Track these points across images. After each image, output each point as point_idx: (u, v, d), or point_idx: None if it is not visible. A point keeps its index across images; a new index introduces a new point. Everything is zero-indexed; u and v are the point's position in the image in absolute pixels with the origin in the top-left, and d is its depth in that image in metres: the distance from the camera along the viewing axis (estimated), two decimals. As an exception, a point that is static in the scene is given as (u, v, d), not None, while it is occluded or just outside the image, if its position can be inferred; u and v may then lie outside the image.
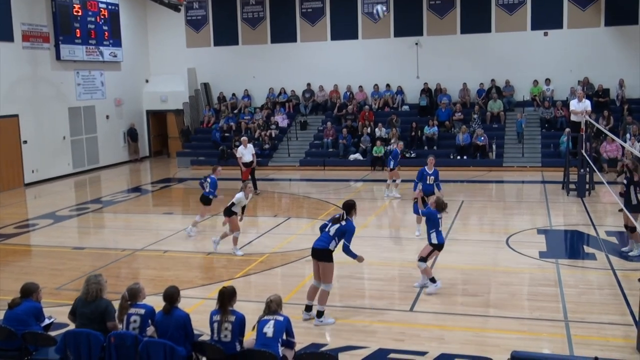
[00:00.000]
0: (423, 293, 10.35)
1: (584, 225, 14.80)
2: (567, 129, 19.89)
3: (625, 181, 12.10)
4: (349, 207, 9.24)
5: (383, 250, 13.18)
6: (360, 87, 27.81)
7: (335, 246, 9.14)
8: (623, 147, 20.69)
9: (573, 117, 18.78)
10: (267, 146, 26.12)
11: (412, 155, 24.26)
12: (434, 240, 10.34)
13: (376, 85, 27.66)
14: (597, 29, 25.34)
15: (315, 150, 26.08)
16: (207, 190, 14.72)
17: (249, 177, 19.33)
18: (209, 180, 14.70)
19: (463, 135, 23.97)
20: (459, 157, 23.81)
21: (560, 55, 25.42)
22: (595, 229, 14.31)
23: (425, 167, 14.25)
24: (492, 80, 26.26)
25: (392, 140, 23.36)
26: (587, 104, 18.60)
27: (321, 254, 9.11)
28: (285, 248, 13.39)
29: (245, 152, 19.43)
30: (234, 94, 29.48)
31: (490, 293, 10.46)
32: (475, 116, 25.00)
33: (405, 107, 27.23)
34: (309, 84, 28.47)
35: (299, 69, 28.36)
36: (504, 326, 9.03)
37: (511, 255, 12.42)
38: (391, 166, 18.32)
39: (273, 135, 26.79)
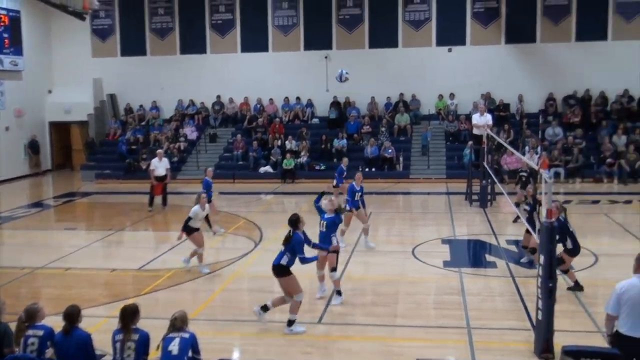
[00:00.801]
0: (331, 305, 10.43)
1: (486, 234, 15.35)
2: (470, 142, 20.65)
3: (528, 207, 12.54)
4: (293, 222, 9.43)
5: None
6: (271, 99, 27.87)
7: (288, 260, 9.21)
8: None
9: (475, 131, 19.50)
10: (175, 159, 25.70)
11: (322, 167, 24.48)
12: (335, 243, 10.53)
13: (286, 97, 27.80)
14: (498, 46, 26.46)
15: (225, 162, 25.89)
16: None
17: (162, 191, 18.97)
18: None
19: (371, 148, 24.41)
20: (367, 169, 24.18)
21: (463, 70, 26.35)
22: (496, 238, 14.87)
23: (354, 183, 13.95)
24: (400, 94, 26.91)
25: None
26: (488, 118, 19.34)
27: (277, 270, 9.25)
28: (193, 263, 13.18)
29: (159, 165, 19.04)
30: (141, 106, 28.89)
31: (398, 303, 10.67)
32: (383, 129, 25.55)
33: (315, 120, 27.49)
34: (218, 96, 28.26)
35: (209, 80, 28.11)
36: (410, 335, 9.22)
37: (417, 266, 12.72)
38: (335, 183, 17.65)
39: (182, 147, 26.42)
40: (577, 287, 10.75)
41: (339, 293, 10.45)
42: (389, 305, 10.51)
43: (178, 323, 6.78)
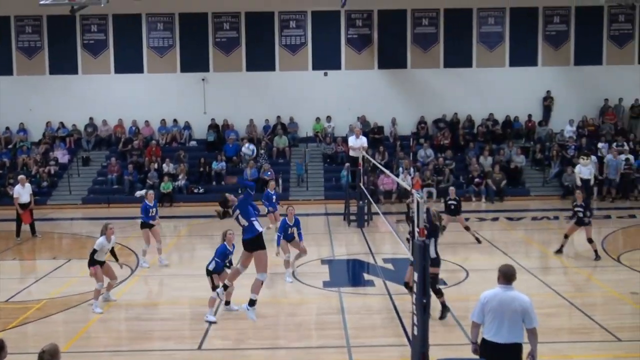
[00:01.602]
0: (212, 329, 10.29)
1: (364, 254, 15.72)
2: (347, 164, 21.15)
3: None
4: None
5: (173, 289, 12.92)
6: (147, 121, 27.24)
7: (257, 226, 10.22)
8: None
9: (351, 153, 20.01)
10: (45, 183, 24.50)
11: (201, 190, 24.20)
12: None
13: (163, 120, 27.29)
14: (371, 71, 27.38)
15: (99, 187, 24.99)
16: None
17: (30, 218, 17.95)
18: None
19: (251, 170, 24.40)
20: (247, 192, 24.14)
21: (339, 94, 27.01)
22: (373, 256, 15.27)
23: (286, 218, 13.62)
24: (278, 117, 27.15)
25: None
26: (363, 140, 19.91)
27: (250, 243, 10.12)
28: (65, 292, 12.57)
29: (23, 192, 18.00)
30: (7, 128, 27.32)
31: (278, 325, 10.69)
32: (262, 151, 25.63)
33: (193, 143, 27.15)
34: (91, 118, 27.28)
35: (81, 102, 27.08)
36: (292, 357, 9.25)
37: (297, 287, 12.80)
38: (271, 209, 17.39)
39: (52, 171, 25.23)
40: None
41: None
42: (270, 327, 10.50)
43: (46, 357, 6.40)
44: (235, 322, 10.58)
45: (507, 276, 6.84)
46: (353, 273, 14.67)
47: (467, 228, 16.77)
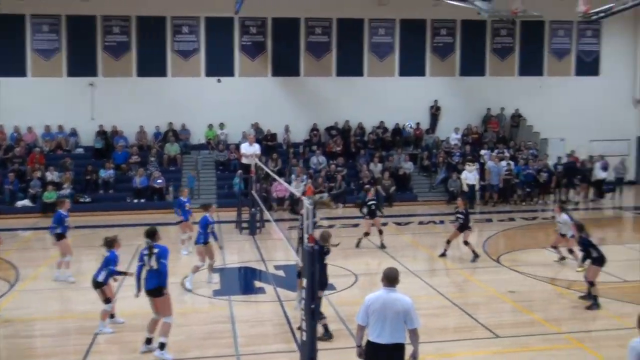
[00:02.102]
0: (95, 344, 9.94)
1: (255, 261, 15.69)
2: (239, 171, 21.06)
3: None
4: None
5: (55, 303, 12.39)
6: (30, 128, 25.99)
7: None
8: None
9: (244, 160, 19.94)
10: None
11: (87, 200, 23.38)
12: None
13: (47, 126, 26.13)
14: (265, 78, 27.43)
15: (-23, 196, 23.59)
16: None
17: None
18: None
19: (140, 178, 23.81)
20: (136, 201, 23.57)
21: (232, 101, 26.84)
22: (265, 264, 15.27)
23: (207, 215, 13.29)
24: (169, 124, 26.64)
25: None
26: (256, 148, 19.91)
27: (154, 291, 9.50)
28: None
29: None
30: None
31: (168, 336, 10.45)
32: (153, 159, 25.07)
33: (80, 150, 26.16)
34: (-32, 124, 25.76)
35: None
36: (179, 368, 9.10)
37: (186, 296, 12.60)
38: (184, 218, 16.59)
39: None
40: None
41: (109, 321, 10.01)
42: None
43: None
44: (121, 335, 10.27)
45: (389, 279, 7.04)
46: (244, 281, 14.61)
47: (380, 232, 17.04)
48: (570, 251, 14.76)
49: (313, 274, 8.42)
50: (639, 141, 30.36)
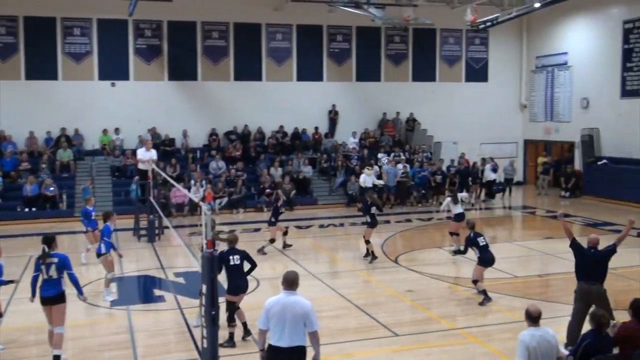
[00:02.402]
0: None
1: (155, 269, 15.36)
2: (136, 177, 20.56)
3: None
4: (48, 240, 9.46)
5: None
6: None
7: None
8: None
9: (141, 166, 19.48)
10: None
11: (-27, 209, 22.14)
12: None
13: None
14: (161, 82, 26.91)
15: None
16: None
17: None
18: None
19: (31, 186, 22.74)
20: (27, 209, 22.51)
21: (128, 105, 26.17)
22: (164, 271, 14.99)
23: (109, 224, 12.71)
24: (62, 129, 25.62)
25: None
26: (153, 153, 19.51)
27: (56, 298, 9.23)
28: None
29: None
30: None
31: (65, 350, 10.05)
32: (44, 166, 24.02)
33: (-37, 157, 24.73)
34: None
35: None
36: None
37: (82, 308, 12.16)
38: (91, 227, 15.64)
39: None
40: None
41: None
42: (47, 355, 9.81)
43: None
44: (17, 351, 9.79)
45: (289, 282, 7.09)
46: (143, 289, 14.27)
47: (285, 233, 17.30)
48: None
49: (213, 280, 8.35)
50: (526, 144, 32.03)
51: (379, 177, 24.97)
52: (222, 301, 10.63)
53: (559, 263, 15.63)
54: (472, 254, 12.92)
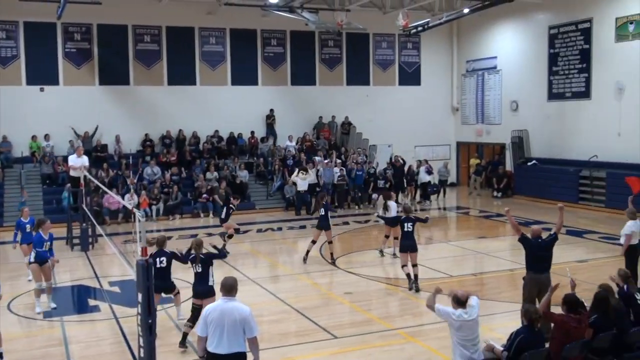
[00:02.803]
0: None
1: (89, 278, 15.00)
2: (68, 185, 20.04)
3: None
4: None
5: None
6: None
7: None
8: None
9: (72, 172, 19.02)
10: None
11: None
12: None
13: None
14: (92, 87, 26.29)
15: None
16: None
17: None
18: None
19: (-45, 196, 21.89)
20: (-49, 220, 21.63)
21: (58, 110, 25.44)
22: (99, 280, 14.66)
23: (41, 232, 12.31)
24: (-12, 136, 24.75)
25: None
26: (85, 159, 19.06)
27: None
28: None
29: None
30: None
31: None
32: (-31, 174, 23.14)
33: None
34: None
35: None
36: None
37: (14, 321, 11.78)
38: (26, 241, 14.20)
39: None
40: None
41: None
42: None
43: None
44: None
45: (226, 288, 7.04)
46: (78, 300, 13.92)
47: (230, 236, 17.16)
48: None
49: (148, 289, 8.21)
50: (459, 146, 32.77)
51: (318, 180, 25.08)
52: (160, 309, 10.51)
53: (493, 262, 16.08)
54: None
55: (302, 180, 24.01)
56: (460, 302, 7.61)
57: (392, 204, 16.56)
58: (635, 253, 12.02)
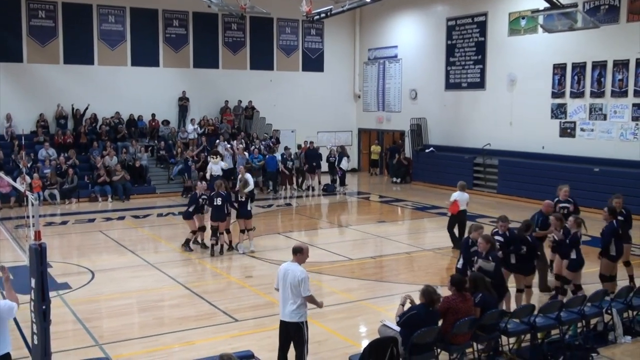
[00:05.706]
0: None
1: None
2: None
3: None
4: None
5: None
6: None
7: None
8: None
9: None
10: None
11: None
12: None
13: None
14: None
15: None
16: None
17: None
18: None
19: None
20: None
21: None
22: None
23: None
24: None
25: None
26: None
27: None
28: None
29: None
30: None
31: None
32: None
33: None
34: None
35: None
36: None
37: None
38: None
39: None
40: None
41: None
42: None
43: None
44: None
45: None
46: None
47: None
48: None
49: (42, 273, 7.97)
50: (360, 132, 33.37)
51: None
52: (55, 294, 10.19)
53: (391, 245, 16.57)
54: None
55: (214, 165, 23.24)
56: (293, 251, 8.05)
57: (248, 176, 16.38)
58: (463, 217, 15.50)
